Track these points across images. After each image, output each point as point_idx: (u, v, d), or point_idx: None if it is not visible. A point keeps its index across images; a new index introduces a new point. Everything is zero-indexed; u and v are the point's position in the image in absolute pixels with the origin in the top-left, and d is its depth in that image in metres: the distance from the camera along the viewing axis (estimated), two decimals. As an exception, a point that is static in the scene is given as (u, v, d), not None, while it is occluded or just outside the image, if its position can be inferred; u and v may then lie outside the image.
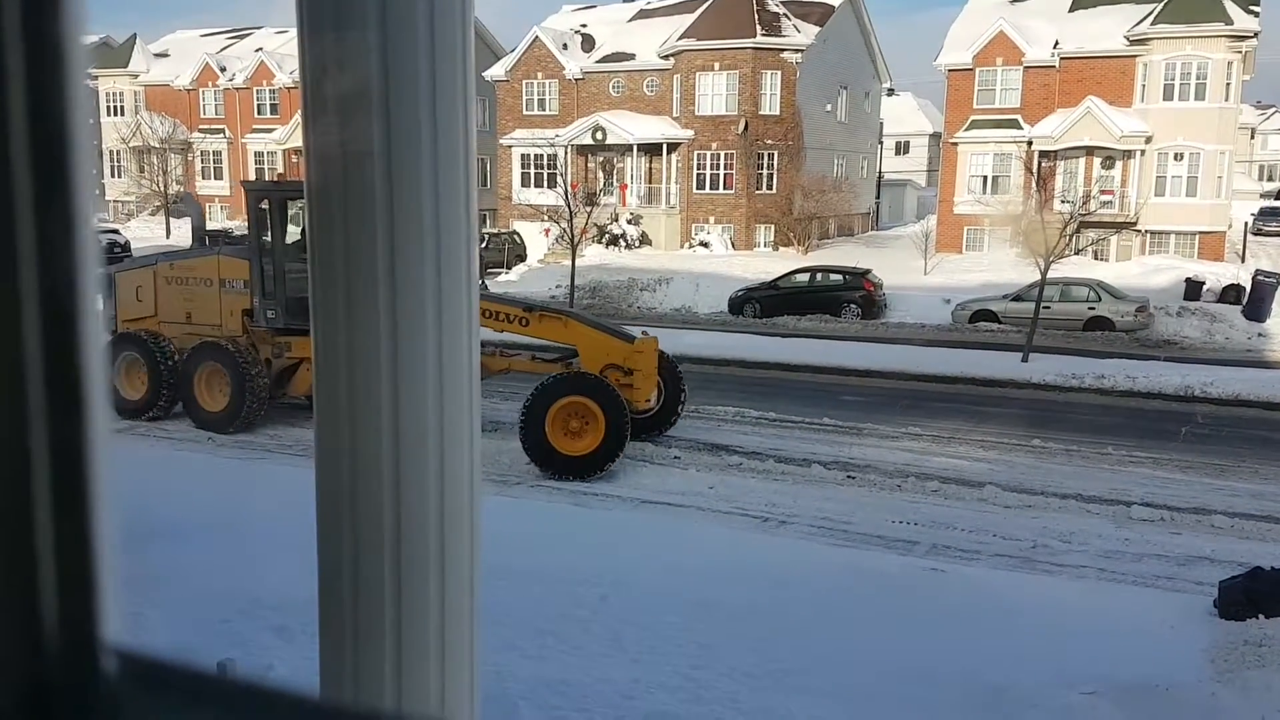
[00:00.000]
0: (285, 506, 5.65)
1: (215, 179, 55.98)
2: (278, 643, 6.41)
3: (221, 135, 55.40)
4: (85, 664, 0.54)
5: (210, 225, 47.51)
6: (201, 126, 55.64)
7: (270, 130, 53.67)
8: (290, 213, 15.09)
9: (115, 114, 56.46)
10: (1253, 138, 72.93)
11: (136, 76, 56.93)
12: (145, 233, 46.75)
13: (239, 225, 47.85)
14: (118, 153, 55.41)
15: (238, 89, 54.81)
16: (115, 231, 41.63)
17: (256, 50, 55.44)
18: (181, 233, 47.36)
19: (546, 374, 14.06)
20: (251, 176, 54.94)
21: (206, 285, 15.38)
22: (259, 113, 54.72)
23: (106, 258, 38.26)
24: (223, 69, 55.31)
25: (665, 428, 14.91)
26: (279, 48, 54.68)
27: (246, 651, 6.00)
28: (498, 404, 15.63)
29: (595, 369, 13.53)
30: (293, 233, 15.12)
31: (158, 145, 50.57)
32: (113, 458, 0.57)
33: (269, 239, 14.92)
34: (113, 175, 56.38)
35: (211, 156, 55.81)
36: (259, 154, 54.65)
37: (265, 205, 14.99)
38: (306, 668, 1.15)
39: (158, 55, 58.60)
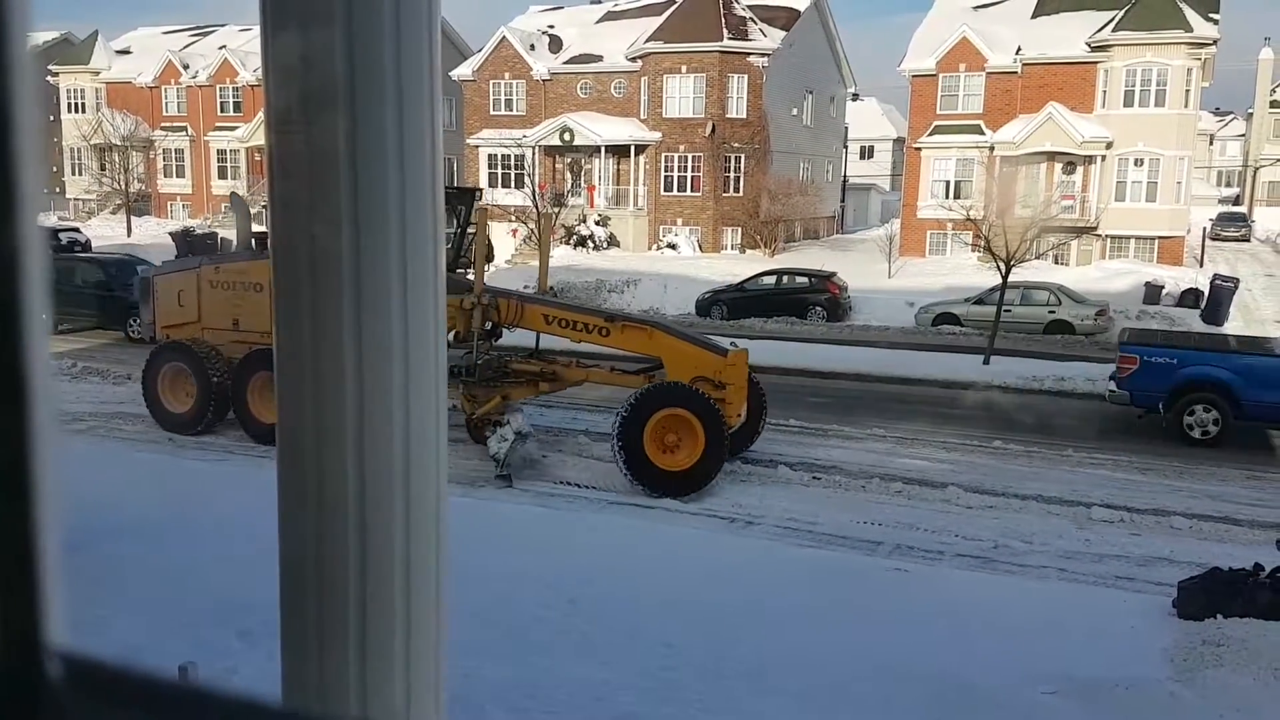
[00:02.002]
0: (248, 507, 5.59)
1: (177, 177, 55.39)
2: (241, 646, 6.34)
3: (184, 133, 54.84)
4: (27, 667, 0.53)
5: (171, 225, 46.96)
6: (163, 124, 55.04)
7: (233, 128, 53.18)
8: None
9: (76, 111, 55.73)
10: (1211, 144, 74.13)
11: (98, 73, 56.20)
12: (106, 231, 46.13)
13: (199, 224, 47.34)
14: (78, 150, 54.68)
15: (200, 86, 54.26)
16: (76, 229, 41.03)
17: (220, 48, 54.91)
18: (143, 230, 46.79)
19: (626, 386, 13.51)
20: (219, 175, 54.43)
21: (256, 290, 14.47)
22: (222, 110, 54.21)
23: (67, 255, 37.75)
24: (185, 66, 54.74)
25: (748, 444, 14.06)
26: (243, 45, 54.19)
27: (209, 655, 5.92)
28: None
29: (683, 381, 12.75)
30: None
31: (119, 143, 49.94)
32: (60, 453, 0.55)
33: None
34: (73, 173, 55.65)
35: (174, 154, 55.21)
36: (221, 152, 54.16)
37: None
38: (270, 671, 1.13)
39: (119, 52, 57.89)
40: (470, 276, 14.56)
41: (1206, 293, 28.49)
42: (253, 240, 15.82)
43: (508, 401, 13.83)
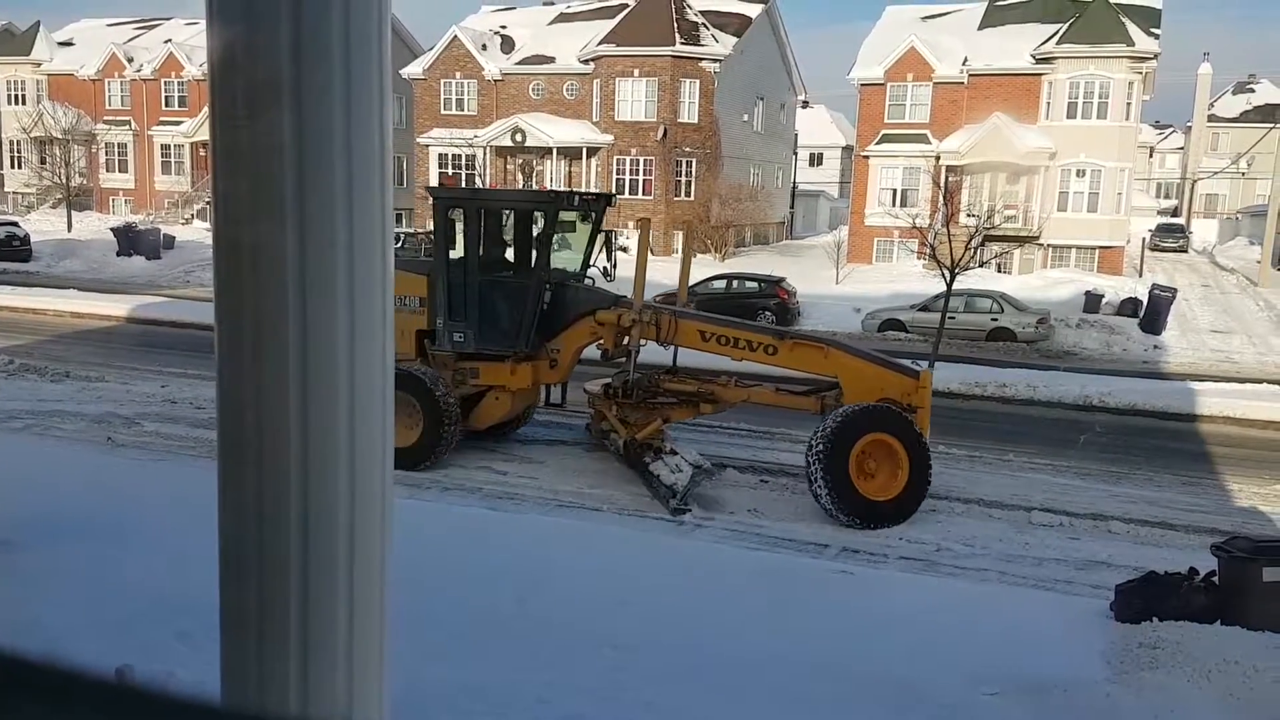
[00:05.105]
0: (185, 506, 5.48)
1: (120, 171, 54.43)
2: (181, 648, 6.22)
3: (127, 127, 53.90)
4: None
5: (113, 220, 46.06)
6: (106, 118, 54.06)
7: (178, 123, 52.42)
8: (483, 224, 13.85)
9: (16, 103, 54.61)
10: (1151, 156, 75.72)
11: (39, 65, 55.09)
12: (46, 226, 45.15)
13: (142, 220, 46.51)
14: (18, 143, 53.57)
15: (145, 80, 53.39)
16: (15, 224, 40.17)
17: (165, 41, 54.09)
18: (84, 225, 45.83)
19: (794, 408, 12.96)
20: (163, 170, 53.50)
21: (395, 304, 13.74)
22: (167, 105, 53.40)
23: (4, 250, 36.91)
24: (130, 59, 53.83)
25: None
26: (188, 39, 53.44)
27: (147, 657, 5.82)
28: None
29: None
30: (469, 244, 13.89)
31: (60, 136, 48.96)
32: None
33: (456, 253, 13.54)
34: (13, 166, 54.51)
35: (116, 148, 54.24)
36: (165, 147, 53.36)
37: (456, 215, 13.59)
38: (210, 674, 1.12)
39: (62, 44, 56.77)
40: (596, 285, 14.19)
41: (1145, 302, 29.08)
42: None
43: (668, 424, 13.27)
